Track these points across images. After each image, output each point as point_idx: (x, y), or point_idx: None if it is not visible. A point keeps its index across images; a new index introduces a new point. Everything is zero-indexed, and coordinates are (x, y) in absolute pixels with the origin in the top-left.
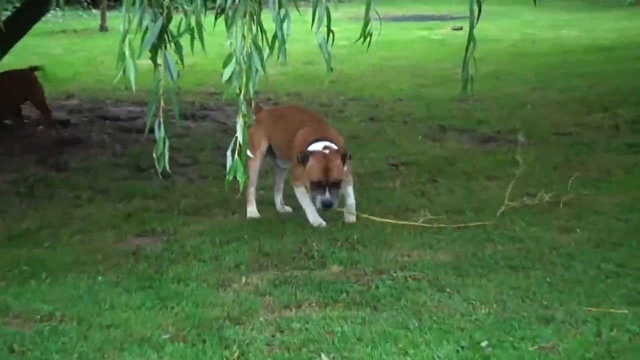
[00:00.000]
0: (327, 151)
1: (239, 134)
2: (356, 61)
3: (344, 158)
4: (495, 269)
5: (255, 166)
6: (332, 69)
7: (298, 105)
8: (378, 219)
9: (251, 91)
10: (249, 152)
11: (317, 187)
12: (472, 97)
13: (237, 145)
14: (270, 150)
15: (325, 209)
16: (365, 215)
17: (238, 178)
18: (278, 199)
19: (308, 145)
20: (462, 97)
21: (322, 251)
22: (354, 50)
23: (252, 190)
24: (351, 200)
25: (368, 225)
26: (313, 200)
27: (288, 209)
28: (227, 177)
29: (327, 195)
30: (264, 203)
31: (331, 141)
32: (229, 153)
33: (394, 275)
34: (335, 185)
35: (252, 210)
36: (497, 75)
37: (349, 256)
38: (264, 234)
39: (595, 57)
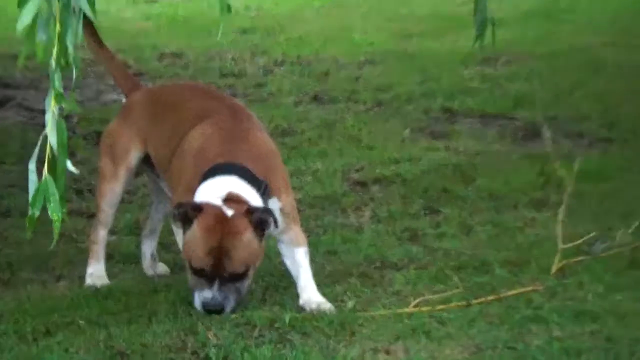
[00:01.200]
0: (228, 210)
1: (49, 131)
2: None
3: (261, 225)
4: None
5: (113, 193)
6: (230, 8)
7: (199, 82)
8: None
9: (70, 50)
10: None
11: (199, 275)
12: (504, 56)
13: (49, 151)
14: (147, 161)
15: (208, 313)
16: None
17: (51, 214)
18: (148, 249)
19: (201, 178)
20: (481, 54)
21: (223, 346)
22: None
23: (102, 236)
24: (305, 273)
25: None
26: (192, 294)
27: (163, 268)
28: (30, 210)
29: (214, 292)
30: (118, 258)
31: (247, 177)
32: (31, 167)
33: None
34: (234, 278)
35: (96, 272)
36: (549, 14)
37: (275, 355)
38: (116, 316)
39: None
